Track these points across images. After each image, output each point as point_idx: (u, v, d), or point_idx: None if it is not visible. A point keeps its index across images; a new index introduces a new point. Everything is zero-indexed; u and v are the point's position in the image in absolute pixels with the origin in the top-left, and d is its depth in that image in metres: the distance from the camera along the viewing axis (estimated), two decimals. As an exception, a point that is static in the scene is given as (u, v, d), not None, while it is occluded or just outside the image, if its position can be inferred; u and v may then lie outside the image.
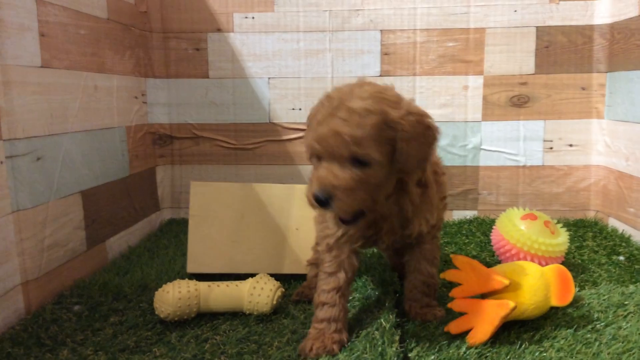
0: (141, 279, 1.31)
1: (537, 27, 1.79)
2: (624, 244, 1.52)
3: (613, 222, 1.73)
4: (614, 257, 1.42)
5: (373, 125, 0.87)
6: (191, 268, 1.29)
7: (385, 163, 0.90)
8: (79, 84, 1.37)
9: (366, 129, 0.86)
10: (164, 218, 1.93)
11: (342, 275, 1.03)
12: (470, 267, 1.02)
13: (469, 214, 1.90)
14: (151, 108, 1.87)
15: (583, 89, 1.80)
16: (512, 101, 1.83)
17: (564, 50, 1.79)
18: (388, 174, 0.92)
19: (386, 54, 1.83)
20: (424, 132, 0.91)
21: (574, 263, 1.39)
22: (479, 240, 1.63)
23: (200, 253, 1.29)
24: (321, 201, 0.87)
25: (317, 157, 0.91)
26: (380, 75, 1.84)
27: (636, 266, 1.35)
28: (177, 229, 1.79)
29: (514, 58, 1.81)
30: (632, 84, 1.59)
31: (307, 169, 1.90)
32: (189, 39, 1.87)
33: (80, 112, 1.37)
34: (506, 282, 0.97)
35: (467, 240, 1.63)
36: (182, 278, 1.28)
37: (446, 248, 1.55)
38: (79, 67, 1.37)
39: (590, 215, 1.85)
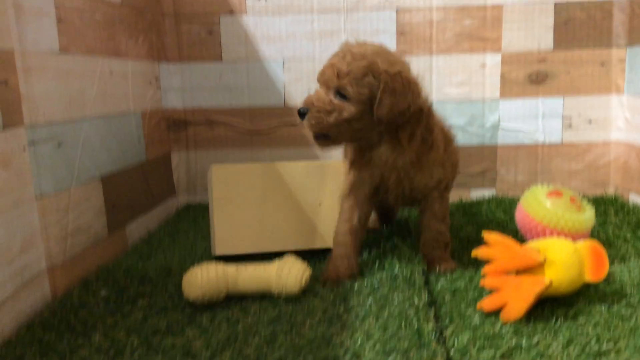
0: (165, 263, 1.30)
1: (555, 3, 1.76)
2: (647, 220, 1.51)
3: (634, 198, 1.71)
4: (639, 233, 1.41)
5: (360, 68, 1.06)
6: (220, 250, 1.28)
7: (360, 104, 1.07)
8: (95, 69, 1.35)
9: (353, 68, 1.06)
10: (180, 203, 1.93)
11: (355, 221, 1.20)
12: (503, 245, 1.01)
13: (487, 192, 1.89)
14: (165, 93, 1.85)
15: (602, 64, 1.78)
16: (531, 78, 1.81)
17: (582, 26, 1.76)
18: (362, 116, 1.08)
19: (402, 34, 1.81)
20: (402, 86, 1.06)
21: (599, 239, 1.37)
22: (500, 219, 1.62)
23: (227, 235, 1.28)
24: (300, 112, 1.10)
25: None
26: (396, 55, 1.82)
27: (663, 241, 1.34)
28: (194, 214, 1.78)
29: (532, 35, 1.78)
30: (655, 57, 1.57)
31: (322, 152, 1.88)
32: (202, 22, 1.85)
33: (97, 97, 1.35)
34: (541, 258, 0.96)
35: (487, 220, 1.61)
36: (206, 261, 1.28)
37: (467, 228, 1.53)
38: (95, 53, 1.36)
39: (610, 191, 1.84)
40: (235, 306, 1.08)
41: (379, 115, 1.07)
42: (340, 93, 1.07)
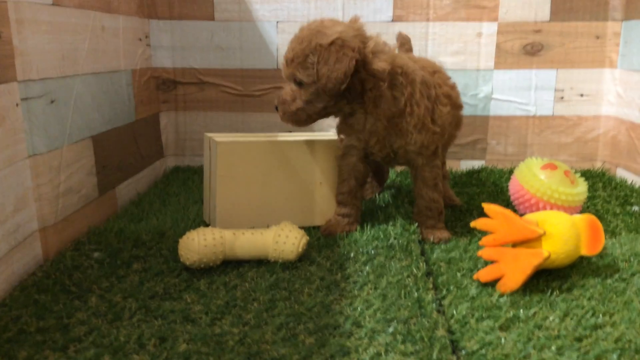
0: (157, 226, 1.28)
1: (554, -28, 1.74)
2: (635, 194, 1.53)
3: (621, 173, 1.74)
4: (628, 208, 1.43)
5: (301, 51, 1.12)
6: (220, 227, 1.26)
7: (314, 85, 1.13)
8: (87, 24, 1.31)
9: (295, 53, 1.13)
10: (168, 165, 1.90)
11: (352, 181, 1.27)
12: (503, 216, 1.01)
13: (476, 163, 1.89)
14: (154, 51, 1.81)
15: (597, 37, 1.78)
16: (526, 49, 1.80)
17: (580, -2, 1.75)
18: (318, 95, 1.14)
19: (399, -2, 1.78)
20: (337, 53, 1.08)
21: (588, 213, 1.39)
22: (490, 190, 1.63)
23: (229, 212, 1.25)
24: (276, 108, 1.21)
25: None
26: (393, 21, 1.79)
27: (652, 216, 1.36)
28: (183, 177, 1.76)
29: (529, 4, 1.77)
30: (651, 33, 1.57)
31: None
32: (194, -21, 1.79)
33: (89, 53, 1.31)
34: (541, 231, 0.97)
35: (478, 190, 1.62)
36: (198, 225, 1.27)
37: (458, 198, 1.54)
38: (87, 6, 1.31)
39: (597, 165, 1.86)
40: (232, 272, 1.07)
41: (320, 86, 1.11)
42: (296, 80, 1.15)
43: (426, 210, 1.26)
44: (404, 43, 1.50)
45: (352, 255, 1.15)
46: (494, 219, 1.03)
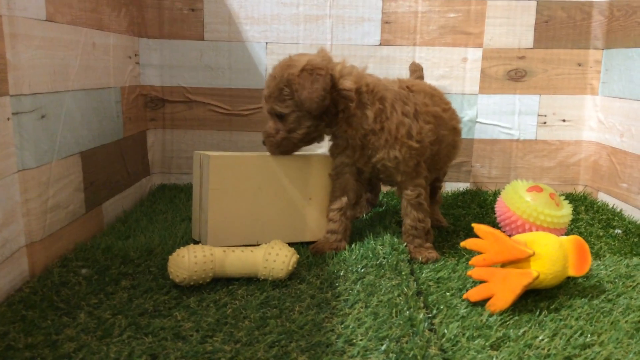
0: (145, 243, 1.27)
1: (537, 1, 1.79)
2: (617, 218, 1.56)
3: (603, 197, 1.77)
4: (611, 231, 1.46)
5: (275, 86, 1.20)
6: (212, 243, 1.25)
7: (293, 114, 1.21)
8: (79, 40, 1.31)
9: (271, 90, 1.22)
10: (154, 183, 1.89)
11: (344, 199, 1.30)
12: (493, 237, 1.03)
13: (461, 185, 1.92)
14: (143, 69, 1.81)
15: (579, 65, 1.83)
16: (510, 75, 1.84)
17: (562, 26, 1.80)
18: (300, 122, 1.22)
19: (387, 23, 1.81)
20: (310, 75, 1.16)
21: (575, 235, 1.42)
22: (475, 211, 1.65)
23: (220, 227, 1.25)
24: (263, 142, 1.28)
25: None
26: (380, 44, 1.82)
27: (634, 239, 1.39)
28: (170, 194, 1.76)
29: (513, 31, 1.81)
30: (631, 61, 1.62)
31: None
32: (185, -1, 1.81)
33: (80, 70, 1.31)
34: (530, 251, 0.98)
35: (463, 212, 1.64)
36: (187, 243, 1.27)
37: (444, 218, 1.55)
38: (79, 23, 1.31)
39: (579, 189, 1.89)
40: (222, 289, 1.07)
41: (307, 109, 1.18)
42: (276, 114, 1.23)
43: (412, 229, 1.28)
44: (416, 70, 1.58)
45: (341, 273, 1.15)
46: (483, 239, 1.04)
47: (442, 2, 1.80)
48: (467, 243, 1.07)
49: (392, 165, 1.23)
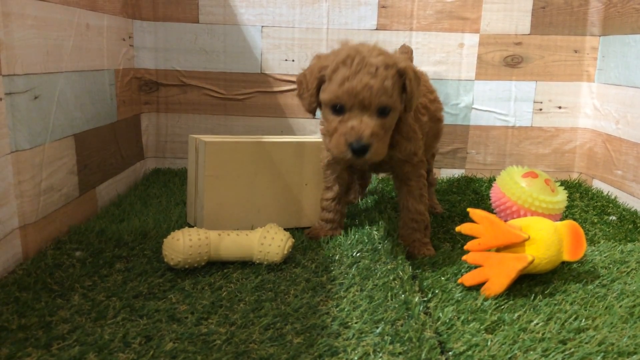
0: (139, 227, 1.27)
1: (535, -14, 1.78)
2: (611, 205, 1.57)
3: (597, 184, 1.77)
4: (605, 217, 1.46)
5: (393, 76, 1.03)
6: (208, 228, 1.24)
7: (397, 110, 1.07)
8: (72, 20, 1.29)
9: (390, 80, 1.02)
10: (148, 167, 1.88)
11: (336, 188, 1.27)
12: (488, 221, 1.03)
13: (456, 172, 1.92)
14: (137, 52, 1.79)
15: (576, 51, 1.82)
16: (506, 61, 1.83)
17: (559, 12, 1.80)
18: (394, 119, 1.08)
19: (384, 7, 1.80)
20: (417, 74, 1.09)
21: (570, 220, 1.42)
22: (470, 197, 1.65)
23: (216, 212, 1.24)
24: (358, 150, 1.00)
25: (338, 109, 1.04)
26: (377, 29, 1.81)
27: (629, 226, 1.39)
28: (164, 179, 1.75)
29: (510, 17, 1.80)
30: (628, 47, 1.62)
31: (297, 122, 1.87)
32: (179, -19, 1.78)
33: (73, 50, 1.30)
34: (525, 235, 0.98)
35: (459, 198, 1.64)
36: (181, 227, 1.26)
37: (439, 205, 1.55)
38: (72, 3, 1.29)
39: (574, 176, 1.90)
40: (217, 273, 1.06)
41: (411, 105, 1.09)
42: (382, 109, 1.03)
43: (412, 222, 1.22)
44: (405, 52, 1.52)
45: (337, 258, 1.15)
46: (479, 223, 1.04)
47: (439, -14, 1.78)
48: (463, 228, 1.06)
49: (403, 157, 1.18)
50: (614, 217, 1.45)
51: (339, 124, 1.03)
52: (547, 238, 1.02)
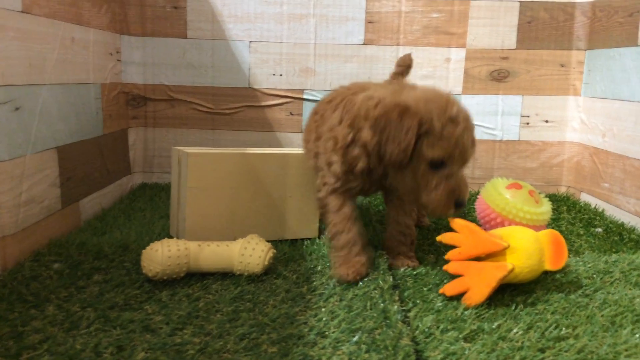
0: (121, 239, 1.26)
1: (520, 1, 1.80)
2: (598, 218, 1.56)
3: (585, 197, 1.77)
4: (592, 229, 1.46)
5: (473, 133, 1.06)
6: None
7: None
8: (57, 33, 1.30)
9: (473, 137, 1.05)
10: (135, 182, 1.87)
11: (347, 208, 1.14)
12: (468, 230, 1.02)
13: (445, 186, 1.91)
14: (125, 67, 1.80)
15: (562, 65, 1.83)
16: (493, 75, 1.84)
17: (545, 27, 1.81)
18: None
19: (370, 22, 1.81)
20: None
21: (551, 229, 1.41)
22: (458, 211, 1.64)
23: (199, 225, 1.23)
24: (463, 205, 1.03)
25: (439, 164, 1.01)
26: (364, 44, 1.82)
27: (614, 238, 1.38)
28: (150, 193, 1.74)
29: (496, 32, 1.82)
30: (613, 61, 1.62)
31: (285, 136, 1.87)
32: (167, -3, 1.80)
33: (57, 63, 1.30)
34: (505, 244, 0.98)
35: (446, 211, 1.63)
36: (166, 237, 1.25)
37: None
38: (57, 17, 1.30)
39: (562, 190, 1.89)
40: (196, 284, 1.05)
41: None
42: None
43: (399, 235, 1.20)
44: (401, 65, 1.45)
45: (319, 269, 1.14)
46: (459, 232, 1.04)
47: (425, 2, 1.80)
48: (444, 237, 1.06)
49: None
50: (599, 230, 1.44)
51: (441, 180, 1.01)
52: (528, 247, 1.01)
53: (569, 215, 1.60)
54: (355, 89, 1.18)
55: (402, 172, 1.04)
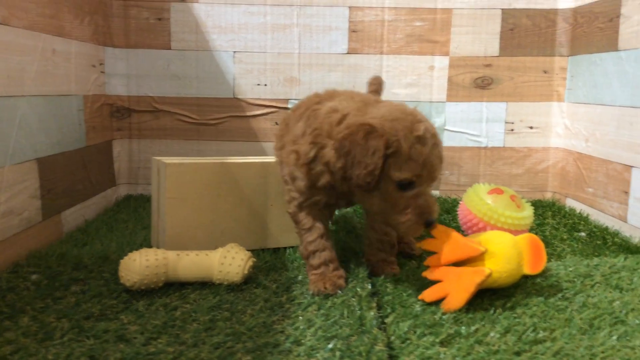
0: (101, 250, 1.25)
1: (502, 9, 1.81)
2: (582, 222, 1.56)
3: (570, 203, 1.77)
4: (575, 234, 1.46)
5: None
6: None
7: None
8: (36, 45, 1.30)
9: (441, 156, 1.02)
10: (120, 194, 1.86)
11: (319, 225, 1.12)
12: (446, 236, 1.02)
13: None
14: (109, 78, 1.80)
15: (545, 72, 1.84)
16: (476, 82, 1.85)
17: (528, 33, 1.82)
18: None
19: (354, 31, 1.82)
20: None
21: (530, 233, 1.41)
22: (442, 218, 1.64)
23: (179, 235, 1.22)
24: (433, 224, 1.00)
25: (407, 184, 0.97)
26: (348, 53, 1.82)
27: (597, 242, 1.39)
28: (135, 204, 1.73)
29: (479, 40, 1.83)
30: (595, 66, 1.63)
31: (270, 146, 1.87)
32: (151, 8, 1.80)
33: (37, 75, 1.30)
34: (482, 249, 0.97)
35: (431, 218, 1.63)
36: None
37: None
38: (37, 28, 1.30)
39: (548, 196, 1.89)
40: (174, 293, 1.04)
41: None
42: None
43: (378, 242, 1.19)
44: (374, 84, 1.44)
45: (299, 278, 1.13)
46: (438, 238, 1.03)
47: (408, 11, 1.81)
48: (423, 243, 1.05)
49: None
50: (583, 234, 1.44)
51: (410, 201, 0.97)
52: (506, 251, 1.01)
53: (553, 220, 1.60)
54: (321, 98, 1.14)
55: (369, 193, 1.00)
